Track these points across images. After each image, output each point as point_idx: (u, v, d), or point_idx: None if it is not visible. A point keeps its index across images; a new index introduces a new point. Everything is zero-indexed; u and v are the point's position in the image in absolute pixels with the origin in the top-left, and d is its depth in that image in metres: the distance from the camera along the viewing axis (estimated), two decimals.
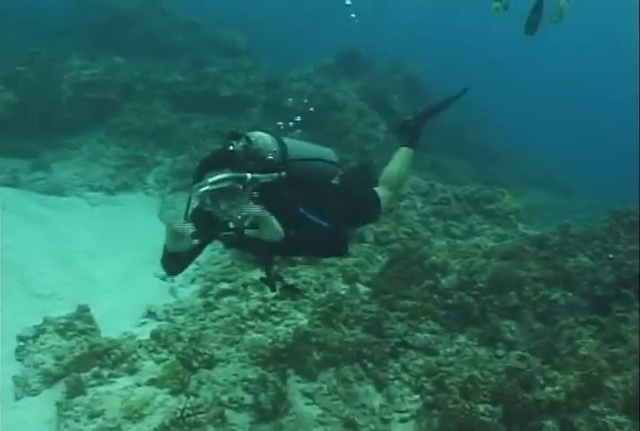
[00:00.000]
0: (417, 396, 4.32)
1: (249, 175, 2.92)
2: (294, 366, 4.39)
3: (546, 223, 7.57)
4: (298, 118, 3.66)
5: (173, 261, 3.19)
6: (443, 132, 10.41)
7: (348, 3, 3.46)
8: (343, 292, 5.37)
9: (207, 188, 2.85)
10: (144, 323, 5.67)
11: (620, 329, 4.25)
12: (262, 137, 3.19)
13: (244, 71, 9.82)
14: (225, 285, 5.71)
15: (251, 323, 4.94)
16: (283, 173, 3.06)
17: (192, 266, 6.79)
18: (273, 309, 5.09)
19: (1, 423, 4.28)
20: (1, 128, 7.97)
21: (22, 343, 4.94)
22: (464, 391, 3.92)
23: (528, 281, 4.86)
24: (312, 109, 3.57)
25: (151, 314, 5.69)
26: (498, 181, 8.55)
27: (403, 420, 4.19)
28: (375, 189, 3.81)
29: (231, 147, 3.06)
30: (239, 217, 2.93)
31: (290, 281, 5.07)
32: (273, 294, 4.63)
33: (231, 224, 2.96)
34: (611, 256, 4.78)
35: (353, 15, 3.48)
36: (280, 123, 3.64)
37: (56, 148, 8.50)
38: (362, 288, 5.52)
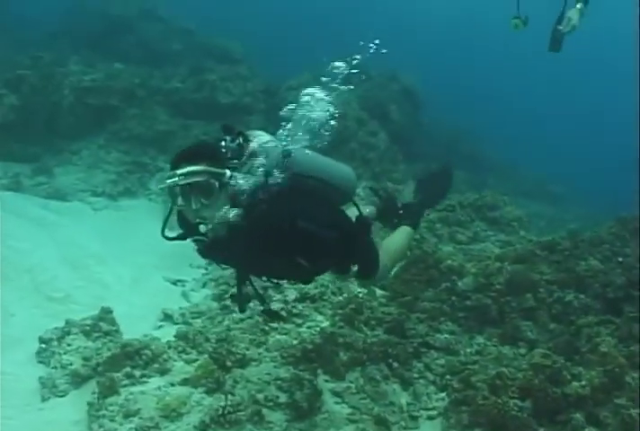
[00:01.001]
0: (443, 394, 4.45)
1: (228, 172, 2.58)
2: (322, 366, 4.49)
3: (542, 231, 7.82)
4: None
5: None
6: (437, 142, 10.72)
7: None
8: (361, 295, 5.50)
9: (174, 180, 2.52)
10: (161, 326, 5.69)
11: (634, 329, 4.48)
12: (263, 137, 2.83)
13: (242, 79, 9.94)
14: None
15: (274, 325, 5.01)
16: (273, 178, 2.67)
17: (201, 271, 6.97)
18: (295, 311, 5.18)
19: (29, 425, 4.29)
20: (3, 132, 7.93)
21: (44, 345, 4.94)
22: (492, 387, 4.07)
23: (542, 284, 5.06)
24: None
25: (168, 317, 5.71)
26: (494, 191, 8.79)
27: (430, 417, 4.32)
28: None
29: (223, 143, 2.70)
30: (213, 220, 2.58)
31: (274, 305, 4.91)
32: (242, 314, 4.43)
33: (202, 228, 2.63)
34: (620, 259, 5.02)
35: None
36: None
37: (57, 153, 8.47)
38: (378, 291, 5.65)
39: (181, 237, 2.80)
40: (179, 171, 2.53)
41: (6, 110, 7.91)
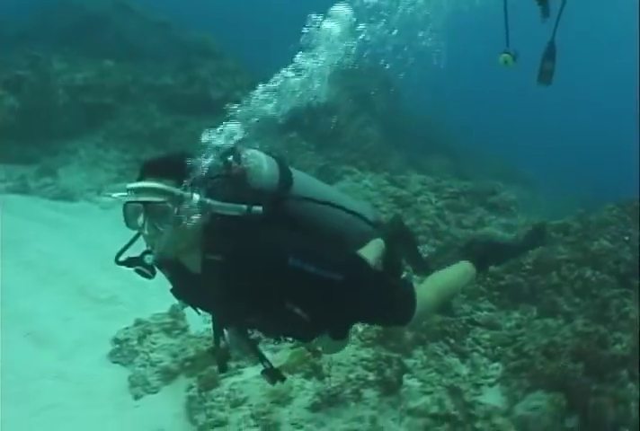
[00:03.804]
0: (496, 364, 5.09)
1: (196, 196, 2.06)
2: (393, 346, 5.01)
3: (530, 214, 8.50)
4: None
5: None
6: (411, 129, 11.31)
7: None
8: None
9: (121, 194, 2.10)
10: None
11: None
12: (257, 157, 2.27)
13: (231, 73, 10.08)
14: None
15: None
16: (257, 208, 2.11)
17: None
18: None
19: (132, 421, 4.55)
20: (4, 134, 7.77)
21: (118, 345, 5.15)
22: (546, 353, 4.73)
23: (563, 262, 5.78)
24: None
25: None
26: (473, 177, 9.50)
27: (490, 385, 4.93)
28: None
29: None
30: (166, 252, 2.14)
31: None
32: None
33: (147, 258, 2.17)
34: (627, 238, 5.82)
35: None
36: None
37: (56, 153, 8.40)
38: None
39: (126, 263, 2.31)
40: (129, 185, 2.09)
41: (6, 112, 7.74)
